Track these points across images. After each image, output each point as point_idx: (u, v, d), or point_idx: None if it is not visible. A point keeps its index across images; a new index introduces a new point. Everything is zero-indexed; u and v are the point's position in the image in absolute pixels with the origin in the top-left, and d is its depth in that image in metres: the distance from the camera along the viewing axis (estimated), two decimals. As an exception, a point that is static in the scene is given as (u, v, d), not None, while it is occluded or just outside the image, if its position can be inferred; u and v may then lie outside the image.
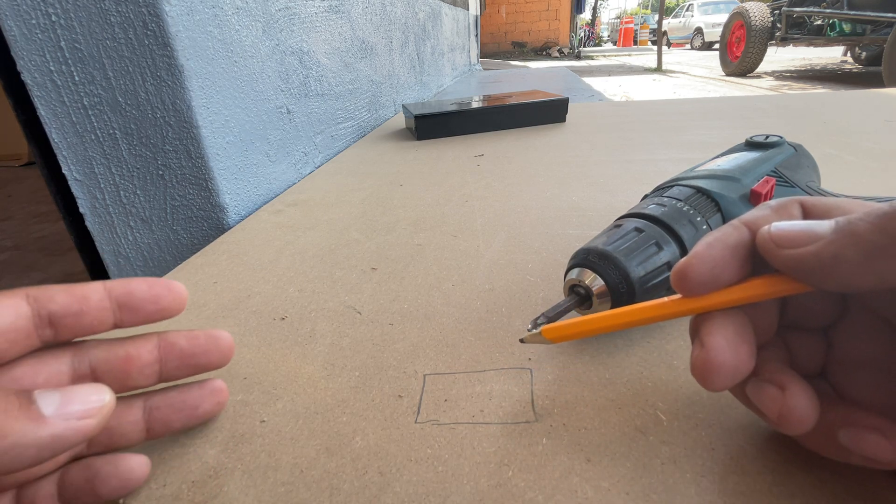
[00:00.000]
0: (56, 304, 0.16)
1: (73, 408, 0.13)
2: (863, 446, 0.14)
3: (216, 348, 0.19)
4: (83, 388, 0.13)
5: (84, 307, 0.16)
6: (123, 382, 0.17)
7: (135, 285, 0.17)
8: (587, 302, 0.22)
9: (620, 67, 6.02)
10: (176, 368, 0.18)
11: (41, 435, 0.12)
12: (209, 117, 0.42)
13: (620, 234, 0.23)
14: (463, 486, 0.17)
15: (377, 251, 0.35)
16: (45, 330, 0.16)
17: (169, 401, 0.18)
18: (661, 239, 0.23)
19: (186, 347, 0.18)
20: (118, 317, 0.17)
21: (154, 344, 0.18)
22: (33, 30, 0.37)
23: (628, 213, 0.26)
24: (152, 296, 0.17)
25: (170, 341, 0.18)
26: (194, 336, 0.19)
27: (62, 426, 0.12)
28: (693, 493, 0.16)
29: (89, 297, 0.16)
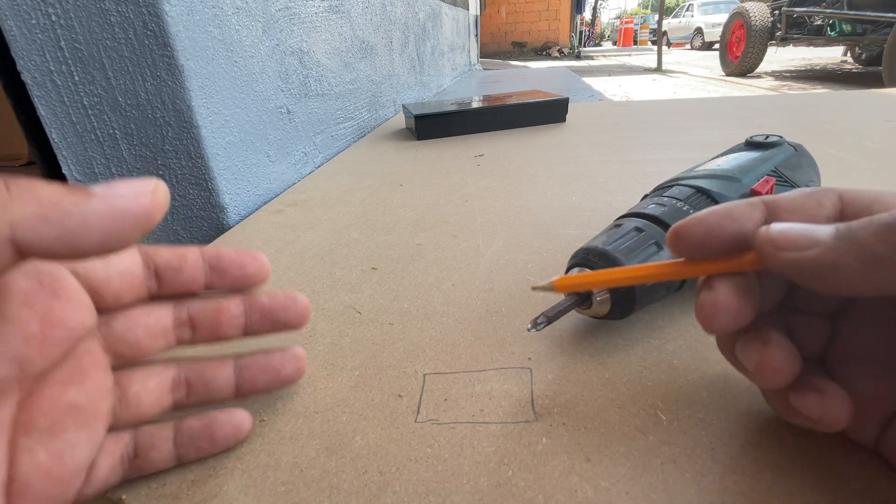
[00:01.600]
0: (160, 258, 0.18)
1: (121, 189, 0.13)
2: (801, 404, 0.15)
3: (293, 306, 0.20)
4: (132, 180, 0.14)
5: (182, 264, 0.18)
6: (215, 331, 0.19)
7: (224, 251, 0.19)
8: (587, 302, 0.22)
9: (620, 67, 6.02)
10: (258, 322, 0.20)
11: (95, 204, 0.12)
12: (209, 117, 0.42)
13: (620, 234, 0.23)
14: (463, 485, 0.17)
15: (377, 251, 0.35)
16: (151, 281, 0.18)
17: (256, 362, 0.20)
18: (661, 238, 0.23)
19: (267, 303, 0.20)
20: (209, 278, 0.19)
21: (240, 300, 0.20)
22: (33, 30, 0.37)
23: (628, 213, 0.26)
24: (239, 261, 0.19)
25: (253, 298, 0.20)
26: (274, 294, 0.20)
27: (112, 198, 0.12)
28: (693, 492, 0.16)
29: (187, 256, 0.19)
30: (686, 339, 0.23)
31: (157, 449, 0.17)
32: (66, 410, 0.14)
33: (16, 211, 0.11)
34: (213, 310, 0.19)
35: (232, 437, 0.18)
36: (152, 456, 0.17)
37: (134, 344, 0.17)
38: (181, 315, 0.19)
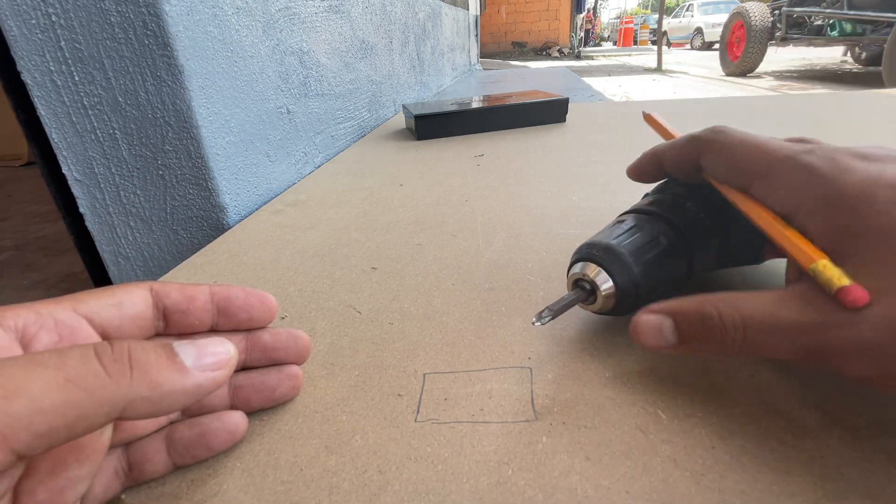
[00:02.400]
0: (170, 300, 0.18)
1: (207, 360, 0.14)
2: None
3: (294, 346, 0.21)
4: (211, 340, 0.15)
5: (191, 307, 0.18)
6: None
7: (233, 292, 0.20)
8: (592, 296, 0.22)
9: (620, 67, 6.02)
10: (258, 360, 0.20)
11: (187, 384, 0.13)
12: (209, 117, 0.42)
13: (624, 230, 0.23)
14: (462, 484, 0.17)
15: (377, 251, 0.35)
16: (159, 322, 0.18)
17: (250, 381, 0.20)
18: (664, 233, 0.23)
19: (269, 342, 0.20)
20: (215, 320, 0.19)
21: (242, 337, 0.20)
22: (33, 30, 0.37)
23: (630, 210, 0.26)
24: (247, 305, 0.20)
25: (256, 335, 0.20)
26: (276, 332, 0.21)
27: (201, 377, 0.14)
28: (693, 491, 0.16)
29: (196, 298, 0.19)
30: (686, 338, 0.23)
31: (151, 461, 0.17)
32: (69, 451, 0.14)
33: (130, 395, 0.12)
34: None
35: (228, 442, 0.18)
36: (147, 468, 0.17)
37: None
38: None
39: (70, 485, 0.14)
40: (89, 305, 0.16)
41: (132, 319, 0.17)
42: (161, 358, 0.13)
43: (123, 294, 0.17)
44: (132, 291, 0.17)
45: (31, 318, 0.14)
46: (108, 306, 0.16)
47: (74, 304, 0.16)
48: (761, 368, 0.21)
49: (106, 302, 0.16)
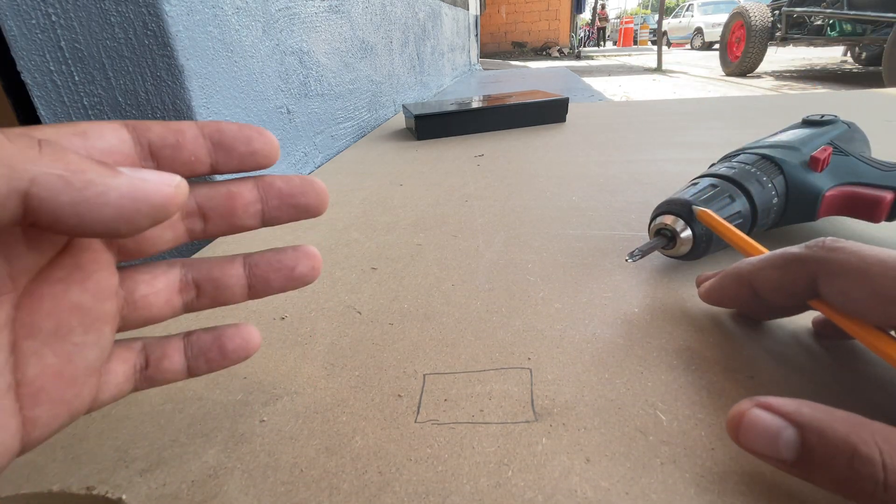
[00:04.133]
0: (153, 134, 0.15)
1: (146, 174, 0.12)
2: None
3: (312, 190, 0.18)
4: None
5: (181, 140, 0.16)
6: (230, 221, 0.17)
7: (224, 125, 0.17)
8: (671, 242, 0.27)
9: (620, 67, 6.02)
10: (276, 208, 0.18)
11: (119, 181, 0.11)
12: (209, 117, 0.42)
13: (699, 188, 0.28)
14: (462, 485, 0.17)
15: (377, 251, 0.35)
16: (146, 161, 0.15)
17: (267, 259, 0.18)
18: (734, 192, 0.28)
19: (285, 187, 0.18)
20: (213, 158, 0.16)
21: (253, 184, 0.18)
22: (33, 30, 0.37)
23: (703, 174, 0.31)
24: (244, 136, 0.17)
25: (267, 181, 0.18)
26: (289, 178, 0.18)
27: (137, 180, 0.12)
28: (693, 493, 0.16)
29: (184, 131, 0.16)
30: (686, 339, 0.23)
31: (169, 359, 0.17)
32: (70, 311, 0.14)
33: (42, 167, 0.10)
34: (224, 195, 0.17)
35: (242, 350, 0.18)
36: (164, 366, 0.17)
37: (137, 238, 0.16)
38: (188, 203, 0.17)
39: (77, 350, 0.14)
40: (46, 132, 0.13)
41: (104, 153, 0.14)
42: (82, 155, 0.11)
43: (88, 125, 0.14)
44: (100, 124, 0.14)
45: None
46: (69, 135, 0.13)
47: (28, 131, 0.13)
48: (761, 370, 0.21)
49: (67, 131, 0.13)
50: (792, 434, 0.14)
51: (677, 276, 0.29)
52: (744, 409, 0.15)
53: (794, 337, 0.23)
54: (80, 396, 0.14)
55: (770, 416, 0.14)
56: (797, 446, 0.14)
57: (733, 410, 0.15)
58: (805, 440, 0.14)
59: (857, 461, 0.13)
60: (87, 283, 0.14)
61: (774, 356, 0.21)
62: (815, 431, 0.14)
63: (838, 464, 0.13)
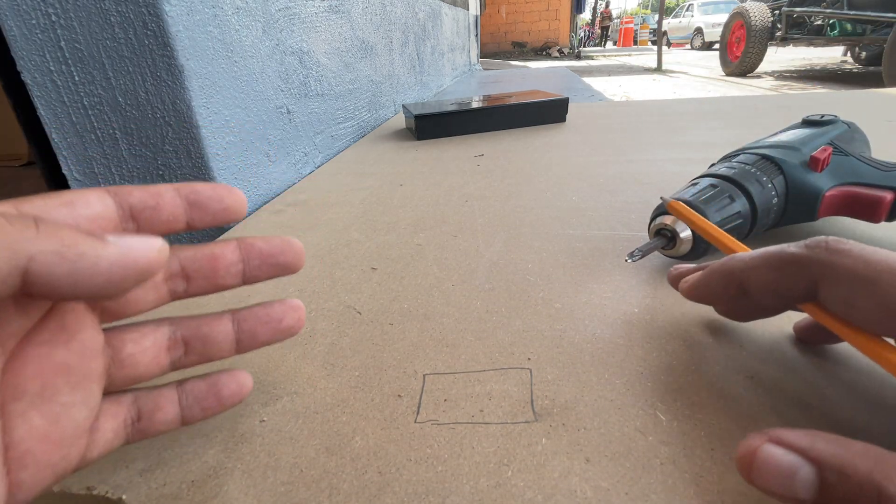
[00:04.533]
0: (134, 198, 0.16)
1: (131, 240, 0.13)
2: None
3: (290, 248, 0.19)
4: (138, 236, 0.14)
5: (160, 202, 0.17)
6: (213, 281, 0.18)
7: (199, 185, 0.18)
8: (671, 242, 0.27)
9: (620, 67, 6.02)
10: (257, 268, 0.19)
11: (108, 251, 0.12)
12: (209, 117, 0.42)
13: (699, 188, 0.28)
14: (462, 485, 0.17)
15: (377, 251, 0.35)
16: (128, 223, 0.16)
17: (254, 314, 0.19)
18: (734, 193, 0.28)
19: (265, 248, 0.19)
20: (189, 216, 0.18)
21: (235, 244, 0.19)
22: (33, 30, 0.37)
23: (703, 174, 0.31)
24: (216, 195, 0.18)
25: (249, 243, 0.19)
26: (269, 238, 0.19)
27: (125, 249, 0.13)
28: (692, 493, 0.16)
29: (162, 193, 0.17)
30: (686, 339, 0.23)
31: (162, 410, 0.17)
32: (56, 372, 0.14)
33: (39, 245, 0.11)
34: (207, 258, 0.18)
35: (237, 395, 0.18)
36: (157, 418, 0.17)
37: (121, 299, 0.16)
38: (172, 265, 0.18)
39: (65, 411, 0.14)
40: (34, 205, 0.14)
41: (90, 220, 0.15)
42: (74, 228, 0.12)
43: (73, 195, 0.15)
44: (84, 192, 0.15)
45: None
46: (56, 206, 0.14)
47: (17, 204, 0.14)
48: (761, 370, 0.21)
49: (53, 202, 0.14)
50: (809, 472, 0.13)
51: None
52: (755, 445, 0.14)
53: (794, 337, 0.23)
54: (67, 458, 0.14)
55: (784, 453, 0.13)
56: (815, 485, 0.13)
57: (743, 447, 0.14)
58: (824, 479, 0.13)
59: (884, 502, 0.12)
60: (72, 343, 0.15)
61: (774, 357, 0.21)
62: (835, 469, 0.13)
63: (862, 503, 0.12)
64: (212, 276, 0.18)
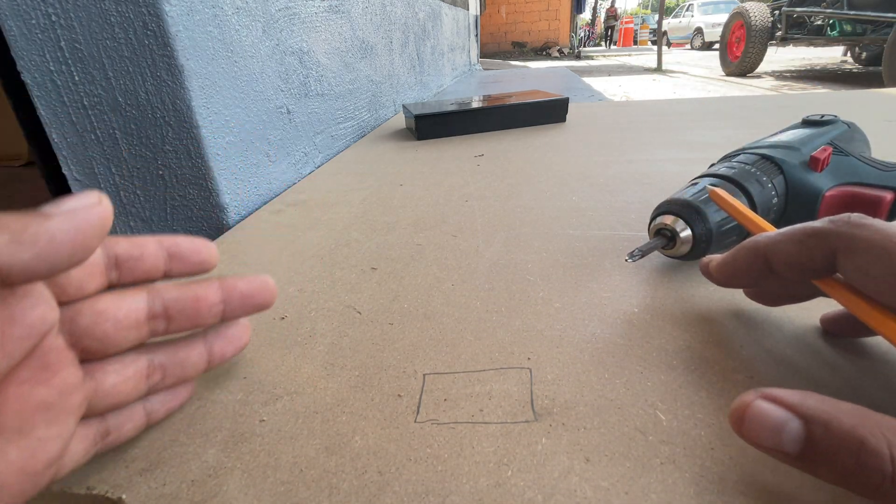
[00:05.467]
0: (120, 249, 0.18)
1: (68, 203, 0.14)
2: None
3: (267, 289, 0.21)
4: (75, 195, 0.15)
5: (143, 253, 0.19)
6: (193, 321, 0.20)
7: (180, 239, 0.20)
8: (671, 242, 0.27)
9: (620, 67, 6.02)
10: (236, 308, 0.20)
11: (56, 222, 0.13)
12: (209, 117, 0.42)
13: (699, 188, 0.28)
14: (462, 485, 0.17)
15: (377, 251, 0.35)
16: (111, 271, 0.18)
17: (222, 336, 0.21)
18: (733, 192, 0.28)
19: (245, 289, 0.21)
20: (168, 266, 0.19)
21: (218, 285, 0.20)
22: (33, 30, 0.37)
23: (703, 174, 0.30)
24: (194, 248, 0.20)
25: (230, 284, 0.20)
26: (248, 280, 0.21)
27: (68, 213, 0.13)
28: (692, 492, 0.16)
29: (146, 245, 0.19)
30: (686, 339, 0.23)
31: (132, 422, 0.18)
32: (36, 409, 0.14)
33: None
34: (191, 299, 0.19)
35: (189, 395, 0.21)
36: (125, 430, 0.18)
37: (102, 338, 0.17)
38: (155, 306, 0.18)
39: (41, 445, 0.14)
40: None
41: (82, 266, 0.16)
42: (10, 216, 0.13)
43: None
44: None
45: None
46: None
47: None
48: (761, 370, 0.21)
49: None
50: (797, 426, 0.13)
51: (677, 277, 0.29)
52: (748, 400, 0.14)
53: (794, 337, 0.23)
54: (38, 485, 0.14)
55: (774, 408, 0.14)
56: (802, 439, 0.13)
57: (736, 402, 0.15)
58: (810, 433, 0.13)
59: (864, 454, 0.12)
60: (53, 380, 0.15)
61: (774, 356, 0.21)
62: (821, 423, 0.13)
63: (844, 457, 0.13)
64: (193, 317, 0.19)
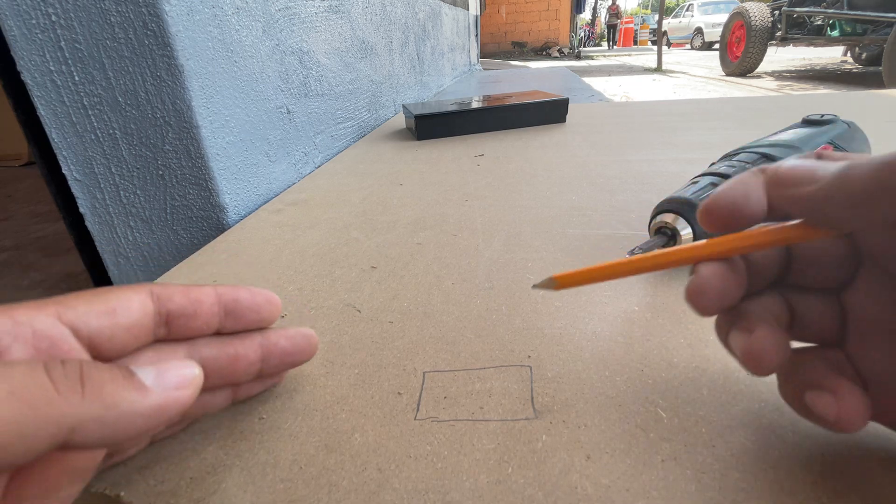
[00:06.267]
0: (174, 304, 0.17)
1: (170, 379, 0.13)
2: (816, 404, 0.15)
3: (308, 346, 0.20)
4: (174, 363, 0.14)
5: (198, 310, 0.17)
6: (228, 378, 0.18)
7: (241, 294, 0.19)
8: (672, 241, 0.27)
9: (620, 67, 6.03)
10: (274, 366, 0.19)
11: (146, 404, 0.13)
12: (209, 117, 0.42)
13: (699, 187, 0.28)
14: (462, 482, 0.17)
15: (377, 250, 0.35)
16: (160, 328, 0.17)
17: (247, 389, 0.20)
18: None
19: (287, 347, 0.19)
20: (222, 322, 0.18)
21: (258, 343, 0.19)
22: (33, 30, 0.37)
23: (702, 173, 0.30)
24: (255, 305, 0.19)
25: (272, 341, 0.19)
26: (291, 336, 0.20)
27: (163, 395, 0.13)
28: (693, 489, 0.16)
29: (203, 301, 0.17)
30: (686, 336, 0.23)
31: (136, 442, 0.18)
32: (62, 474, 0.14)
33: (82, 412, 0.11)
34: (229, 358, 0.18)
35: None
36: (128, 449, 0.17)
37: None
38: None
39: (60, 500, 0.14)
40: (77, 312, 0.14)
41: (126, 329, 0.15)
42: (117, 376, 0.12)
43: (118, 300, 0.15)
44: (129, 297, 0.16)
45: (7, 326, 0.13)
46: (98, 314, 0.15)
47: (60, 309, 0.14)
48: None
49: (97, 309, 0.15)
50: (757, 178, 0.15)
51: (677, 275, 0.29)
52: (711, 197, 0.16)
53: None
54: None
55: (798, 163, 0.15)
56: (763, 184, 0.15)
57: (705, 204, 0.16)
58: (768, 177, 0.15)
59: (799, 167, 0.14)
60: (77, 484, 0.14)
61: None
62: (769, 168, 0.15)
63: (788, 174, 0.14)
64: (228, 376, 0.18)
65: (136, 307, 0.16)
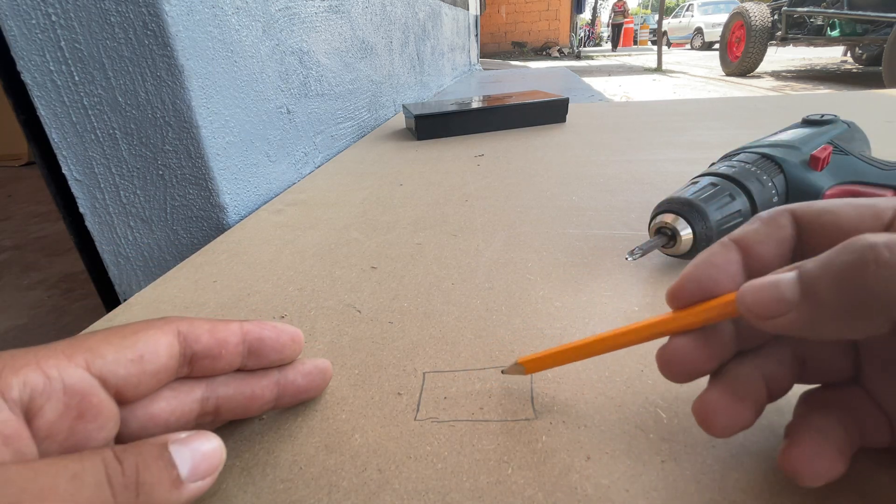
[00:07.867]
0: (200, 346, 0.17)
1: (201, 467, 0.14)
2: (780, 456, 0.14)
3: (323, 381, 0.21)
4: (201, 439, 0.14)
5: (223, 352, 0.17)
6: (240, 416, 0.19)
7: (266, 330, 0.19)
8: (672, 241, 0.27)
9: (620, 67, 6.03)
10: (287, 403, 0.20)
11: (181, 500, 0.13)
12: (209, 117, 0.42)
13: (699, 187, 0.28)
14: (462, 483, 0.17)
15: (377, 250, 0.35)
16: (183, 368, 0.17)
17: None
18: (734, 191, 0.28)
19: (302, 384, 0.20)
20: (245, 361, 0.18)
21: (274, 381, 0.19)
22: (33, 30, 0.37)
23: (702, 174, 0.30)
24: (279, 345, 0.19)
25: (289, 379, 0.19)
26: (307, 373, 0.20)
27: (193, 488, 0.14)
28: (693, 490, 0.16)
29: (228, 341, 0.18)
30: (686, 337, 0.23)
31: None
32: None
33: None
34: (245, 398, 0.18)
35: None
36: None
37: None
38: (208, 404, 0.18)
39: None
40: (105, 362, 0.15)
41: (153, 375, 0.16)
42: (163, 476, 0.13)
43: (146, 345, 0.15)
44: (157, 340, 0.16)
45: (39, 385, 0.13)
46: (127, 363, 0.15)
47: (89, 358, 0.14)
48: (761, 367, 0.21)
49: (125, 357, 0.15)
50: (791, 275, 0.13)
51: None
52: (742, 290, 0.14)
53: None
54: None
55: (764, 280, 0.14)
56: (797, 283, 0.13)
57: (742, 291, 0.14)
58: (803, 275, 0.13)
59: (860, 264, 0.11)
60: None
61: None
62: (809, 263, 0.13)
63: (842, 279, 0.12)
64: (242, 413, 0.18)
65: (164, 351, 0.16)
